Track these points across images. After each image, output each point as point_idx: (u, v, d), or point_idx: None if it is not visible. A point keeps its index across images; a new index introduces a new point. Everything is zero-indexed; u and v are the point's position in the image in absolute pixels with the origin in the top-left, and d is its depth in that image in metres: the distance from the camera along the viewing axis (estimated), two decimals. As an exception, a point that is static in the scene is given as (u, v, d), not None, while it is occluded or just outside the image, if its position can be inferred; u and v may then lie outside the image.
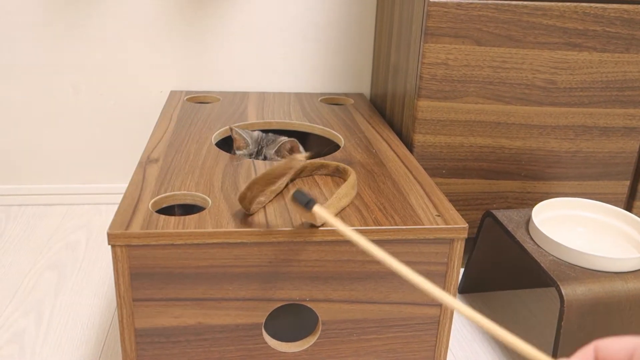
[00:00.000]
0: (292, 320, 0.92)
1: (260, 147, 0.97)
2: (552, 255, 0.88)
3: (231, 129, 0.99)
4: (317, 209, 0.60)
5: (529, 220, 0.97)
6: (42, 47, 1.30)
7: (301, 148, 1.03)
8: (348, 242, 0.72)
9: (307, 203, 0.61)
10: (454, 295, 0.78)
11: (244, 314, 0.74)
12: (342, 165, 0.86)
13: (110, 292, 1.08)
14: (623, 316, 0.82)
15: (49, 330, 0.97)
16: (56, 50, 1.30)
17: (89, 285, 1.10)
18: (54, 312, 1.02)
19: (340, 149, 0.99)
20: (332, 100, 1.32)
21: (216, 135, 1.02)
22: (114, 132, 1.39)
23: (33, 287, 1.08)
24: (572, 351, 0.81)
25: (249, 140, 0.98)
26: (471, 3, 0.98)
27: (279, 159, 0.97)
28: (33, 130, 1.36)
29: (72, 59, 1.31)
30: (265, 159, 0.96)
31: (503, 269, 1.13)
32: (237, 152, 0.99)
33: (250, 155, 0.97)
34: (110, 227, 0.68)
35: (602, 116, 1.08)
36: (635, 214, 1.03)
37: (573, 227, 0.99)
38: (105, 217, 1.37)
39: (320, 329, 0.76)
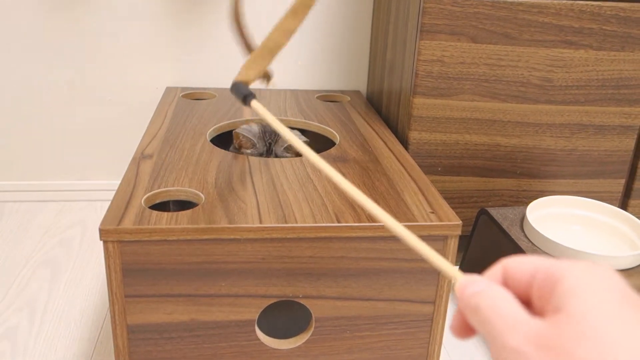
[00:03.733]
0: (285, 317, 0.92)
1: (268, 144, 0.96)
2: (547, 253, 0.88)
3: (236, 134, 0.97)
4: (254, 104, 0.56)
5: (523, 218, 0.97)
6: (36, 42, 1.29)
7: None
8: (342, 239, 0.72)
9: (245, 97, 0.56)
10: (448, 293, 0.78)
11: (237, 311, 0.73)
12: None
13: (104, 288, 1.08)
14: (617, 314, 0.82)
15: (42, 326, 0.97)
16: (51, 45, 1.30)
17: (83, 281, 1.10)
18: (48, 309, 1.01)
19: (335, 146, 0.99)
20: (328, 98, 1.32)
21: (211, 132, 1.02)
22: (109, 128, 1.39)
23: (27, 284, 1.08)
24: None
25: (255, 140, 0.96)
26: (467, 0, 0.97)
27: (289, 155, 0.95)
28: (27, 126, 1.36)
29: (67, 54, 1.31)
30: (276, 156, 0.93)
31: (498, 267, 1.13)
32: (245, 152, 0.98)
33: (260, 155, 0.94)
34: (103, 223, 0.67)
35: (597, 114, 1.08)
36: (630, 212, 1.02)
37: (567, 225, 0.99)
38: (99, 213, 1.37)
39: (313, 325, 0.76)
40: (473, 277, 0.32)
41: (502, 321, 0.28)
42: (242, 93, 0.54)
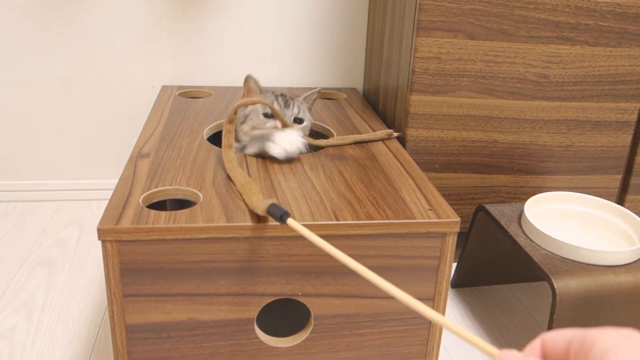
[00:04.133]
0: (284, 315, 0.92)
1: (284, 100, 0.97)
2: (545, 249, 0.88)
3: (248, 77, 0.97)
4: (291, 221, 0.63)
5: (521, 214, 0.97)
6: (32, 42, 1.28)
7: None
8: (341, 237, 0.72)
9: (281, 216, 0.64)
10: (447, 290, 0.78)
11: (235, 309, 0.73)
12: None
13: (101, 288, 1.08)
14: (615, 309, 0.83)
15: (40, 326, 0.96)
16: (47, 45, 1.29)
17: (80, 281, 1.09)
18: (45, 309, 1.01)
19: (333, 143, 0.98)
20: (325, 95, 1.31)
21: (208, 130, 1.02)
22: (105, 128, 1.38)
23: (24, 284, 1.07)
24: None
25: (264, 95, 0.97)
26: (463, -3, 0.97)
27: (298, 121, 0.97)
28: (24, 126, 1.35)
29: (63, 54, 1.30)
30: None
31: (496, 263, 1.13)
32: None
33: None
34: (101, 222, 0.67)
35: (594, 110, 1.08)
36: (627, 208, 1.03)
37: (565, 220, 1.00)
38: (96, 212, 1.37)
39: (312, 323, 0.76)
40: (511, 352, 0.35)
41: None
42: (279, 213, 0.64)
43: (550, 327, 0.80)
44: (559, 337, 0.34)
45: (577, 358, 0.32)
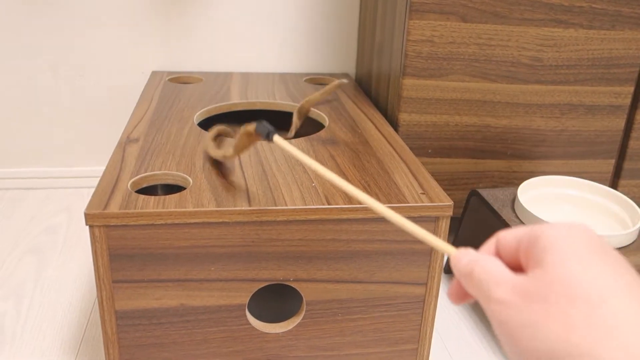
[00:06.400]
0: (276, 301, 0.91)
1: None
2: (538, 233, 0.88)
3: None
4: (277, 138, 0.61)
5: (514, 198, 0.96)
6: (19, 28, 1.26)
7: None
8: (333, 221, 0.71)
9: (267, 134, 0.62)
10: (439, 275, 0.78)
11: (227, 295, 0.72)
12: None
13: (91, 275, 1.06)
14: (608, 293, 0.82)
15: (30, 314, 0.95)
16: (34, 31, 1.27)
17: (70, 268, 1.08)
18: (35, 296, 1.00)
19: (324, 128, 0.97)
20: (317, 80, 1.30)
21: (198, 116, 1.00)
22: (94, 114, 1.36)
23: (13, 272, 1.06)
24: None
25: None
26: (457, -21, 0.96)
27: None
28: (11, 113, 1.33)
29: (50, 40, 1.28)
30: None
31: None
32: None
33: None
34: (88, 207, 0.66)
35: (587, 94, 1.08)
36: (620, 192, 1.02)
37: (559, 205, 0.99)
38: (86, 200, 1.35)
39: (304, 309, 0.76)
40: (467, 250, 0.37)
41: (491, 279, 0.32)
42: (265, 130, 0.63)
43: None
44: (511, 235, 0.35)
45: (525, 253, 0.33)
